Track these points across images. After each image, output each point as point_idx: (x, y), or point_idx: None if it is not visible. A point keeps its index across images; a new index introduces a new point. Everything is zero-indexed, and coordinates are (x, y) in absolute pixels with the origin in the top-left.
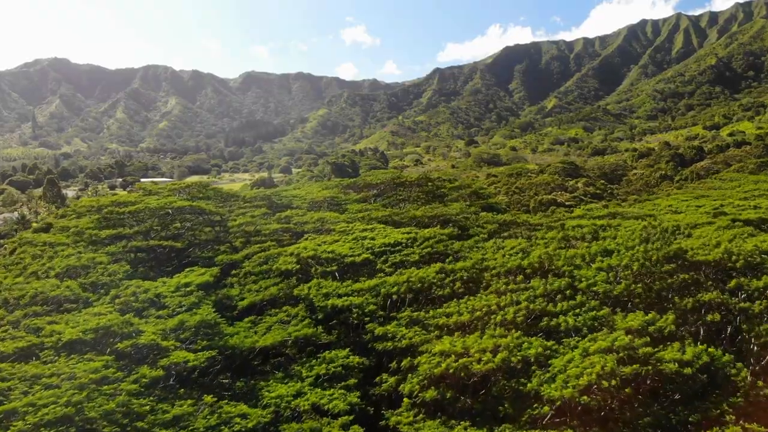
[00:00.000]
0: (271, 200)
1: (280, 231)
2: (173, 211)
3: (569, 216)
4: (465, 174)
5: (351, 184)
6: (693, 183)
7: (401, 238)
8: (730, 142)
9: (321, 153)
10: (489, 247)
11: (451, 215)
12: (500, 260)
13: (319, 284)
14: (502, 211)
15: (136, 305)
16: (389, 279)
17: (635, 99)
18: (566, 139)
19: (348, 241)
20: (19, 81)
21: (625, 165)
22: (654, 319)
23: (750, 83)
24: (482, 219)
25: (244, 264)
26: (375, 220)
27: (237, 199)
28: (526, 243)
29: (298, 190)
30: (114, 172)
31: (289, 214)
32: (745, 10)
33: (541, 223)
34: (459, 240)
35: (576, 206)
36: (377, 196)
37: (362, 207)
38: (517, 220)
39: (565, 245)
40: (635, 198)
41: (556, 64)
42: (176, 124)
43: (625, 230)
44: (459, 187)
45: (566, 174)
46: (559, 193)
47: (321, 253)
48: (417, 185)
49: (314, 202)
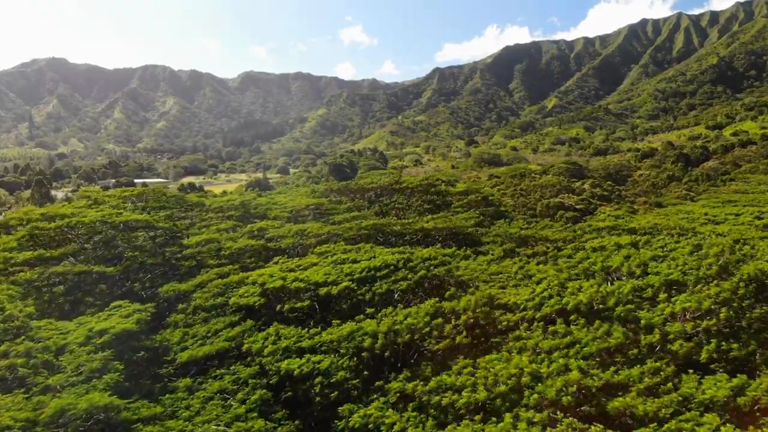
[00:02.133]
0: (246, 208)
1: (249, 249)
2: (116, 227)
3: (593, 227)
4: (465, 174)
5: (343, 188)
6: (702, 184)
7: (391, 260)
8: (735, 141)
9: (319, 153)
10: (506, 270)
11: (462, 228)
12: (525, 295)
13: (278, 333)
14: (510, 217)
15: (23, 370)
16: (367, 324)
17: (636, 99)
18: (567, 139)
19: (326, 263)
20: (16, 81)
21: (629, 165)
22: (743, 385)
23: (752, 83)
24: (494, 231)
25: (195, 295)
26: (366, 231)
27: (203, 208)
28: (553, 269)
29: (281, 196)
30: (108, 172)
31: (264, 226)
32: (746, 9)
33: (563, 238)
34: (465, 259)
35: (586, 210)
36: (371, 203)
37: (353, 217)
38: (536, 235)
39: (607, 275)
40: (644, 200)
41: (556, 63)
42: (174, 124)
43: (682, 251)
44: (465, 192)
45: (570, 175)
46: (566, 195)
47: (290, 282)
48: (419, 191)
49: (296, 211)
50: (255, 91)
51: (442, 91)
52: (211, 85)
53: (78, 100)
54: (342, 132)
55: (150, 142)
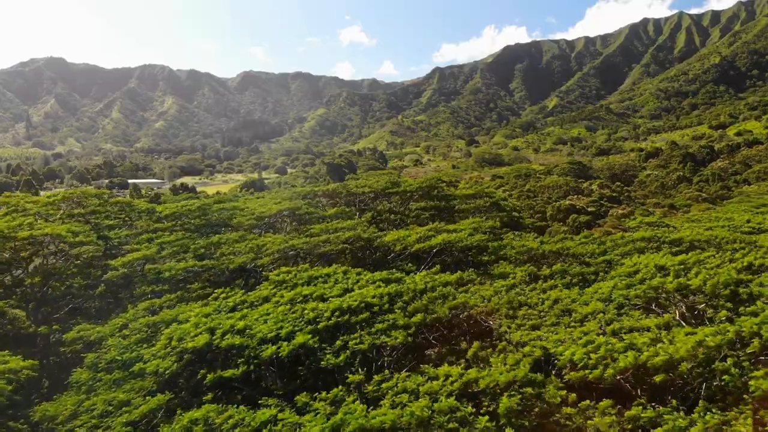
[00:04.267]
0: (206, 216)
1: (194, 272)
2: (26, 242)
3: (627, 239)
4: (467, 174)
5: (330, 192)
6: (714, 185)
7: (374, 295)
8: (741, 141)
9: (318, 153)
10: (532, 300)
11: (470, 242)
12: (579, 349)
13: (192, 422)
14: (525, 225)
15: None
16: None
17: (638, 98)
18: (569, 139)
19: (283, 302)
20: (14, 80)
21: (635, 165)
22: None
23: (755, 82)
24: (508, 243)
25: (110, 343)
26: (348, 245)
27: (153, 215)
28: (598, 300)
29: (252, 201)
30: (102, 173)
31: (219, 240)
32: (748, 8)
33: (591, 252)
34: (480, 284)
35: (597, 213)
36: (363, 209)
37: (335, 227)
38: (560, 249)
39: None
40: (655, 201)
41: (557, 63)
42: (173, 124)
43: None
44: (472, 196)
45: (575, 175)
46: (575, 197)
47: (220, 338)
48: (418, 194)
49: (266, 218)
50: (254, 91)
51: (442, 91)
52: (210, 84)
53: (76, 99)
54: (341, 132)
55: (148, 142)
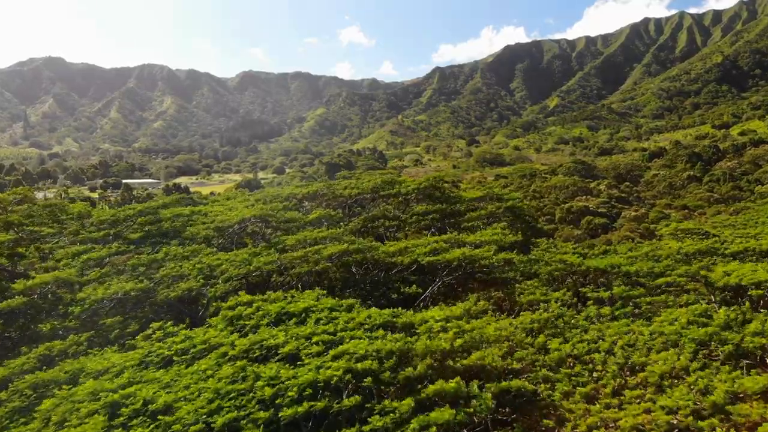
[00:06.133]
0: (157, 222)
1: (117, 301)
2: None
3: (683, 251)
4: (468, 174)
5: (313, 193)
6: (725, 185)
7: (371, 353)
8: (746, 141)
9: (318, 153)
10: (581, 358)
11: (492, 263)
12: None
13: None
14: (543, 233)
15: None
16: None
17: (640, 98)
18: (571, 139)
19: (233, 354)
20: (12, 80)
21: (641, 165)
22: None
23: (757, 81)
24: (540, 259)
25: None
26: (328, 265)
27: (85, 220)
28: (693, 364)
29: (218, 205)
30: (97, 173)
31: (161, 257)
32: (749, 8)
33: (640, 272)
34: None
35: (609, 214)
36: (351, 215)
37: (315, 237)
38: (609, 267)
39: None
40: (665, 202)
41: (557, 62)
42: (171, 123)
43: None
44: (483, 199)
45: (580, 175)
46: (583, 197)
47: (122, 428)
48: (419, 196)
49: (224, 229)
50: (254, 91)
51: (442, 91)
52: (209, 84)
53: (74, 99)
54: (341, 132)
55: (146, 141)
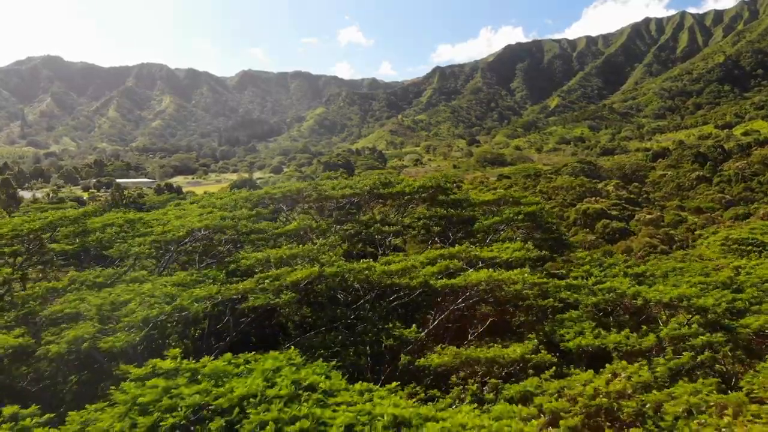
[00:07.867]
0: (85, 237)
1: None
2: None
3: (757, 275)
4: (469, 174)
5: (295, 195)
6: (736, 186)
7: None
8: (751, 141)
9: (317, 152)
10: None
11: (519, 289)
12: None
13: None
14: (569, 245)
15: None
16: None
17: (641, 98)
18: (572, 139)
19: None
20: (10, 79)
21: (646, 165)
22: None
23: (760, 82)
24: (581, 287)
25: None
26: (300, 294)
27: None
28: None
29: (173, 211)
30: (92, 172)
31: (56, 286)
32: (751, 8)
33: (708, 308)
34: None
35: (620, 217)
36: (341, 221)
37: (288, 256)
38: (675, 299)
39: None
40: (674, 203)
41: (558, 62)
42: (170, 123)
43: None
44: (496, 202)
45: (585, 175)
46: (592, 199)
47: None
48: (420, 199)
49: (163, 245)
50: (253, 90)
51: (442, 90)
52: (208, 83)
53: (73, 98)
54: (341, 131)
55: (144, 141)
